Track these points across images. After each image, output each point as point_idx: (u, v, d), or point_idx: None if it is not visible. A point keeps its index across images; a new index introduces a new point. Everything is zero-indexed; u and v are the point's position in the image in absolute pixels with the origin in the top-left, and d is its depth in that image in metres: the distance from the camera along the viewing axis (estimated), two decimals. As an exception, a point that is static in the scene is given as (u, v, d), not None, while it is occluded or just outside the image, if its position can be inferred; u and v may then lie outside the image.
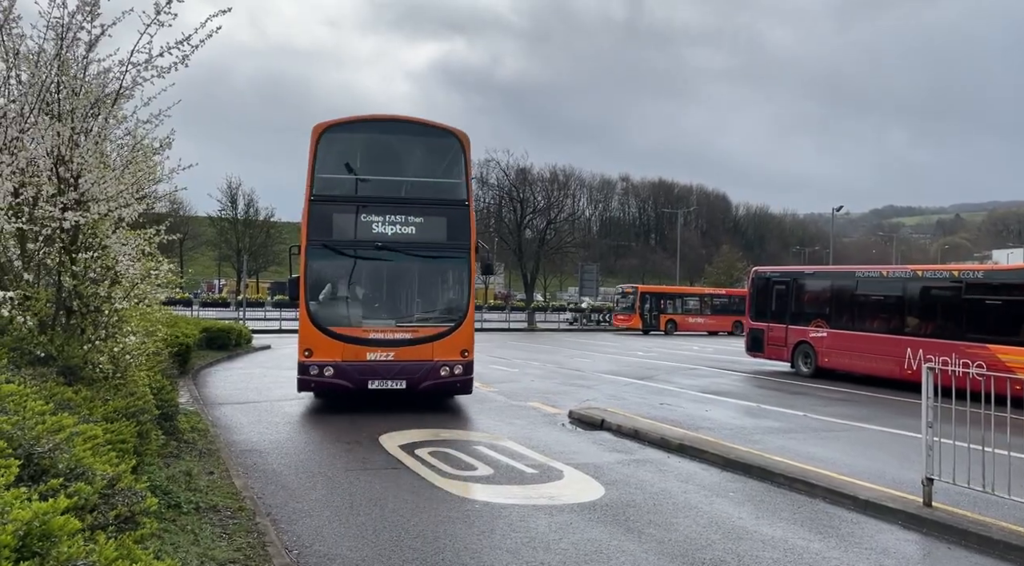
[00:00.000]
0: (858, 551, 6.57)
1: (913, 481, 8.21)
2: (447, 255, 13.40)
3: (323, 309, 12.94)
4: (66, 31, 6.18)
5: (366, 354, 12.53)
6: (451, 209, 13.40)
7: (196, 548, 5.41)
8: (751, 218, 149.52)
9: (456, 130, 13.62)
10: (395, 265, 13.39)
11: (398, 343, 12.67)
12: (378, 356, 12.56)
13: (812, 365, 21.39)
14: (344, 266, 13.30)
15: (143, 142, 6.99)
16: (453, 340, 12.92)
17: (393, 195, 13.65)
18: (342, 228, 12.93)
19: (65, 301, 6.59)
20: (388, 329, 12.79)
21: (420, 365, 12.67)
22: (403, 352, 12.66)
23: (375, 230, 12.93)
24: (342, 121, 13.48)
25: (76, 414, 4.50)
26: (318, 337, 12.49)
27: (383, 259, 13.13)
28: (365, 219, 12.91)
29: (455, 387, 13.16)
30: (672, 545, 6.56)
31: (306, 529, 6.71)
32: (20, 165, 6.03)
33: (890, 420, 13.76)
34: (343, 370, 12.42)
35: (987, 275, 17.96)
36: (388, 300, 13.91)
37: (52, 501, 2.61)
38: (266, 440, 10.67)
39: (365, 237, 12.89)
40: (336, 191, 13.41)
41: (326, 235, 12.84)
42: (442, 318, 13.35)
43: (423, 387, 12.69)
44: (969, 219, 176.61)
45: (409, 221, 13.08)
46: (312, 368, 12.45)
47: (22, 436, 3.32)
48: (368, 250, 12.95)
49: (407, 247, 13.06)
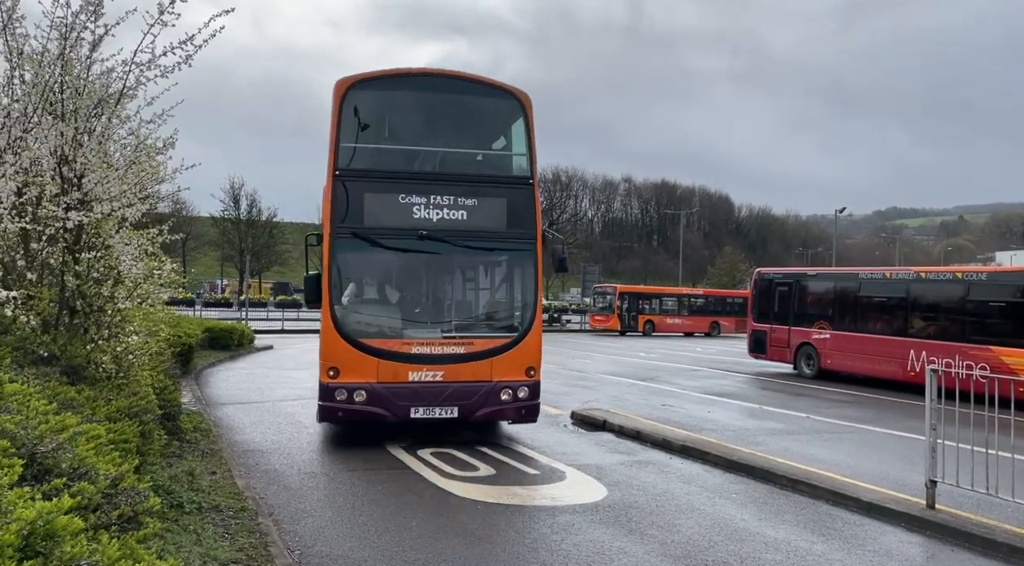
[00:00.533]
0: (861, 553, 6.55)
1: (916, 483, 8.19)
2: (507, 247, 10.76)
3: (353, 316, 10.32)
4: (70, 31, 6.18)
5: (408, 374, 9.86)
6: (511, 188, 10.79)
7: (199, 548, 5.41)
8: (754, 219, 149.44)
9: (516, 89, 10.89)
10: (442, 260, 10.83)
11: (448, 360, 10.01)
12: (423, 376, 9.90)
13: (815, 367, 21.36)
14: (378, 261, 10.82)
15: (146, 142, 6.99)
16: (516, 355, 10.30)
17: (439, 170, 11.12)
18: (375, 212, 10.23)
19: (68, 301, 6.60)
20: (435, 341, 10.09)
21: (476, 387, 10.03)
22: (454, 371, 10.00)
23: (417, 215, 10.20)
24: (373, 75, 10.72)
25: (79, 414, 4.50)
26: (346, 352, 9.81)
27: (427, 252, 10.40)
28: (404, 201, 10.19)
29: (519, 414, 10.39)
30: (674, 547, 6.55)
31: (308, 529, 6.71)
32: (24, 165, 6.03)
33: (893, 422, 13.73)
34: (379, 395, 9.75)
35: (990, 277, 17.92)
36: (433, 305, 11.21)
37: (55, 501, 2.61)
38: (268, 440, 10.68)
39: (404, 224, 10.16)
40: (367, 165, 10.69)
41: (355, 221, 10.09)
42: (502, 327, 10.81)
43: (479, 415, 10.13)
44: (972, 221, 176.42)
45: (459, 204, 10.34)
46: (339, 392, 9.72)
47: (25, 436, 3.32)
48: (408, 240, 10.19)
49: (457, 237, 10.31)
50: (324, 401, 9.88)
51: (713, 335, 47.80)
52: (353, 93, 10.32)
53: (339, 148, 10.14)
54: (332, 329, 9.90)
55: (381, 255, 10.49)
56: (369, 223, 10.18)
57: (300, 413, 13.07)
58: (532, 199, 10.71)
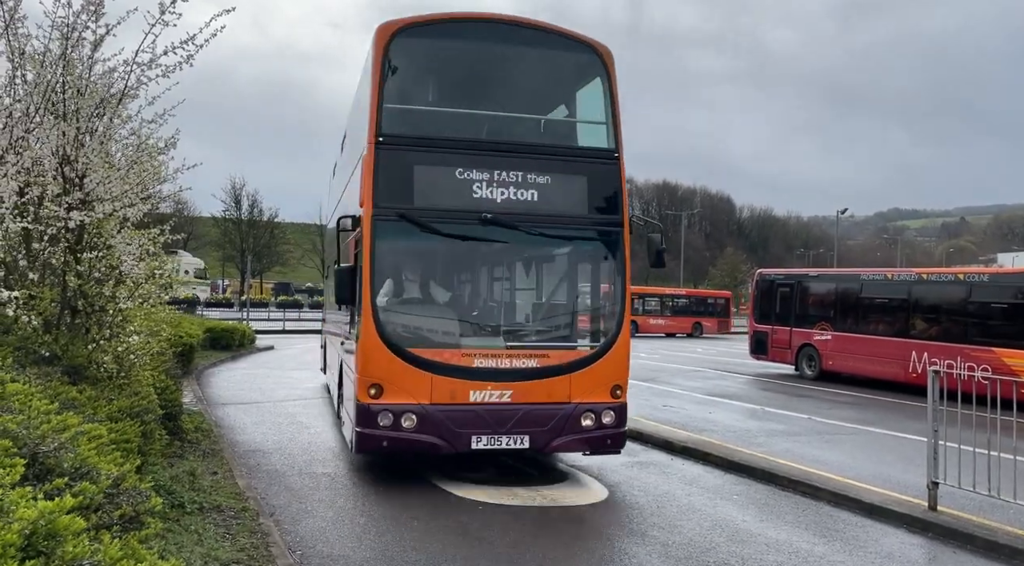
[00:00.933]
0: (863, 555, 6.54)
1: (918, 485, 8.17)
2: (587, 235, 8.84)
3: (400, 319, 8.46)
4: (71, 31, 6.19)
5: (468, 393, 8.00)
6: (592, 163, 8.82)
7: (200, 548, 5.41)
8: (755, 220, 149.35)
9: (596, 43, 8.96)
10: (507, 251, 9.22)
11: (517, 375, 8.13)
12: (487, 396, 8.02)
13: (816, 368, 21.34)
14: (430, 250, 9.04)
15: (148, 142, 7.01)
16: (600, 370, 8.41)
17: (503, 139, 8.95)
18: (427, 190, 8.31)
19: (70, 301, 6.60)
20: (501, 352, 8.21)
21: (551, 411, 8.16)
22: (525, 390, 8.12)
23: (477, 194, 8.24)
24: (423, 20, 8.64)
25: (81, 413, 4.50)
26: (392, 365, 7.89)
27: (489, 240, 8.57)
28: (463, 176, 8.26)
29: (603, 445, 8.44)
30: (676, 548, 6.54)
31: (309, 530, 6.71)
32: (25, 165, 6.04)
33: (895, 423, 13.71)
34: (433, 420, 7.88)
35: (992, 278, 17.91)
36: (498, 306, 9.62)
37: (57, 500, 2.61)
38: (269, 440, 10.67)
39: (462, 204, 8.22)
40: (416, 130, 8.75)
41: (401, 200, 8.14)
42: (582, 335, 8.89)
43: (554, 446, 8.27)
44: (974, 222, 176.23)
45: (529, 181, 8.40)
46: (383, 416, 7.83)
47: (27, 435, 3.32)
48: (468, 226, 8.27)
49: (526, 222, 8.36)
50: (364, 427, 7.88)
51: (695, 336, 47.65)
52: (399, 42, 8.33)
53: (382, 109, 8.17)
54: (374, 335, 7.87)
55: (434, 243, 8.61)
56: (419, 203, 8.20)
57: (301, 413, 13.07)
58: (617, 177, 8.75)
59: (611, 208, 8.73)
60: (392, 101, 8.44)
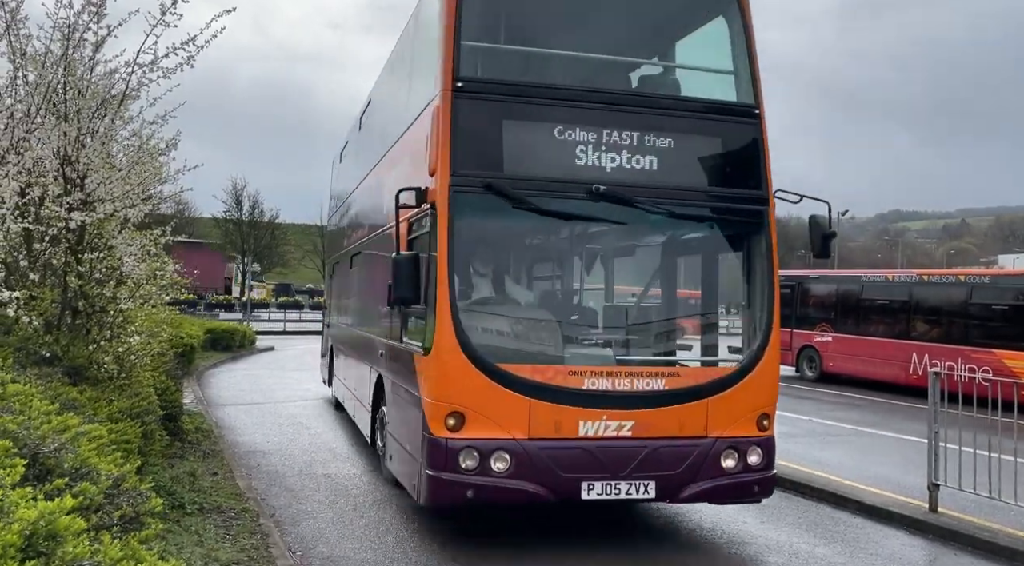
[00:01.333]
0: (864, 557, 6.54)
1: (919, 486, 8.16)
2: (724, 215, 6.83)
3: (487, 324, 6.63)
4: (72, 32, 6.21)
5: (577, 424, 6.03)
6: (728, 122, 6.79)
7: (200, 549, 5.41)
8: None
9: None
10: (623, 234, 7.32)
11: (640, 401, 6.19)
12: (602, 428, 6.05)
13: (817, 369, 21.34)
14: (523, 233, 7.49)
15: (149, 143, 7.02)
16: (744, 393, 6.45)
17: (616, 89, 7.08)
18: (520, 153, 6.35)
19: (71, 301, 6.60)
20: (617, 369, 6.29)
21: (684, 448, 6.20)
22: (649, 420, 6.16)
23: (582, 160, 6.26)
24: None
25: (81, 414, 4.50)
26: (479, 386, 5.94)
27: (599, 220, 6.76)
28: (564, 137, 6.26)
29: (749, 492, 6.47)
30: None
31: (309, 531, 6.70)
32: (27, 165, 6.05)
33: (896, 425, 13.70)
34: (532, 460, 5.91)
35: (993, 280, 17.91)
36: (611, 309, 7.85)
37: (58, 501, 2.61)
38: (270, 441, 10.67)
39: (566, 173, 6.27)
40: (504, 74, 6.88)
41: (487, 165, 6.19)
42: (720, 347, 7.00)
43: (687, 495, 6.27)
44: (975, 224, 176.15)
45: (647, 144, 6.41)
46: (466, 455, 5.86)
47: (28, 436, 3.32)
48: (573, 201, 6.28)
49: (650, 197, 6.35)
50: (439, 470, 5.83)
51: None
52: None
53: (459, 46, 6.18)
54: (455, 347, 5.88)
55: (528, 224, 6.84)
56: (510, 170, 6.20)
57: (301, 414, 13.07)
58: (759, 139, 6.73)
59: (752, 179, 6.70)
60: (472, 36, 6.40)
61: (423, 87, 6.90)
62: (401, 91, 7.65)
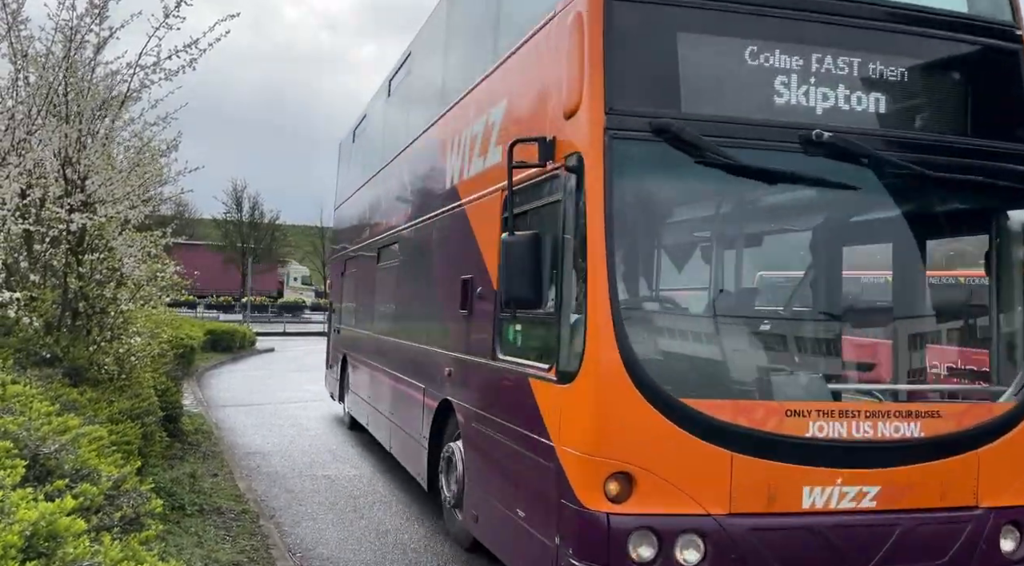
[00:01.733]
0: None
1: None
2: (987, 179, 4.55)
3: (663, 340, 4.77)
4: (74, 33, 6.22)
5: (800, 492, 4.01)
6: (982, 48, 4.75)
7: (200, 550, 5.41)
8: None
9: None
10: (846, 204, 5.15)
11: (885, 456, 4.17)
12: (836, 497, 4.05)
13: (817, 371, 21.34)
14: (713, 202, 5.49)
15: (150, 144, 7.03)
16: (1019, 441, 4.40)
17: None
18: (699, 85, 4.35)
19: (71, 302, 6.61)
20: (853, 408, 4.24)
21: (948, 525, 4.23)
22: (900, 483, 4.17)
23: (783, 98, 4.28)
24: None
25: (81, 415, 4.51)
26: (654, 433, 3.90)
27: (813, 183, 4.54)
28: (759, 63, 4.26)
29: None
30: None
31: (309, 532, 6.70)
32: (27, 166, 6.06)
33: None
34: (739, 549, 3.90)
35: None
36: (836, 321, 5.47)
37: (58, 502, 2.61)
38: (270, 442, 10.67)
39: (764, 115, 4.28)
40: None
41: (661, 101, 4.20)
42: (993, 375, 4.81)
43: None
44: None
45: (874, 77, 4.41)
46: (638, 541, 3.83)
47: (28, 437, 3.33)
48: (778, 154, 4.28)
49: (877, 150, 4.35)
50: (593, 561, 3.89)
51: None
52: None
53: None
54: (618, 371, 3.90)
55: (719, 187, 4.81)
56: (690, 107, 4.24)
57: (301, 415, 13.07)
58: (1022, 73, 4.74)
59: (1017, 130, 4.74)
60: None
61: None
62: (490, 9, 6.10)
